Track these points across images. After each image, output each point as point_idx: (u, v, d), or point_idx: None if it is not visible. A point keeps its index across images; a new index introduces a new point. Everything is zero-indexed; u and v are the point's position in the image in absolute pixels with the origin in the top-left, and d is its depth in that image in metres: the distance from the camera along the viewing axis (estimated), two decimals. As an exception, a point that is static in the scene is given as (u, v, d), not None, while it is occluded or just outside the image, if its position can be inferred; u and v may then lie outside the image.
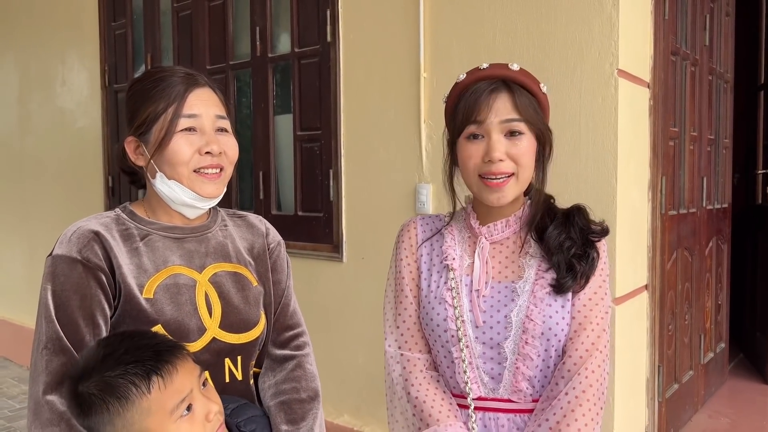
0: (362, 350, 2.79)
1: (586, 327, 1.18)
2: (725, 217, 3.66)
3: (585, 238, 1.21)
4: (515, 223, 1.25)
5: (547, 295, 1.18)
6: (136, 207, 1.24)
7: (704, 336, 3.30)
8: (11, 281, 4.95)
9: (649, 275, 2.53)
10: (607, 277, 1.24)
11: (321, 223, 2.95)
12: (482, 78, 1.18)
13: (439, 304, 1.23)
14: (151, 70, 1.24)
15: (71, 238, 1.14)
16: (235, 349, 1.21)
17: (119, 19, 3.94)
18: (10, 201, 4.92)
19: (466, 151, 1.18)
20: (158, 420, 0.95)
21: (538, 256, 1.22)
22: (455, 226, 1.30)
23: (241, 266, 1.27)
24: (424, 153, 2.58)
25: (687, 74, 2.91)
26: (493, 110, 1.15)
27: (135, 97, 1.20)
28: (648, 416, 2.59)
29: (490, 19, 2.37)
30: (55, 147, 4.46)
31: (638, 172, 2.39)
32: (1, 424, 3.64)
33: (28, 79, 4.65)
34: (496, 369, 1.19)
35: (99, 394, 0.94)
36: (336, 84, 2.83)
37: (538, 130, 1.19)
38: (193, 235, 1.24)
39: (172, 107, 1.15)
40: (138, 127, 1.18)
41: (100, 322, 1.11)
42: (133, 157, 1.21)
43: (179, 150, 1.15)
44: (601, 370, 1.17)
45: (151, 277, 1.16)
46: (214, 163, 1.17)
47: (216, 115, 1.19)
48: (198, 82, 1.19)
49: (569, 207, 1.26)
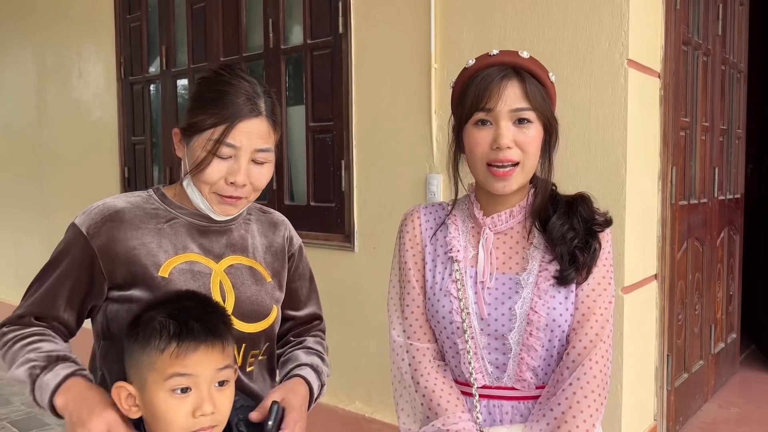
0: (373, 338, 2.83)
1: (590, 318, 1.18)
2: (737, 207, 3.65)
3: (588, 229, 1.20)
4: (519, 213, 1.23)
5: (551, 287, 1.18)
6: (168, 190, 1.29)
7: (715, 326, 3.30)
8: (30, 270, 5.01)
9: (658, 265, 2.54)
10: (612, 267, 1.23)
11: (333, 214, 2.99)
12: (492, 64, 1.17)
13: (445, 296, 1.23)
14: (224, 71, 1.22)
15: (92, 212, 1.22)
16: (243, 337, 1.24)
17: (134, 11, 3.98)
18: (29, 192, 5.00)
19: (474, 137, 1.17)
20: (154, 379, 1.00)
21: (541, 247, 1.21)
22: (459, 215, 1.29)
23: (257, 262, 1.31)
24: (434, 143, 2.60)
25: (699, 64, 2.90)
26: (503, 97, 1.14)
27: (198, 94, 1.22)
28: (657, 405, 2.61)
29: (500, 9, 2.38)
30: (72, 138, 4.53)
31: (648, 162, 2.39)
32: (21, 409, 3.73)
33: (45, 71, 4.72)
34: (500, 359, 1.20)
35: (140, 322, 1.03)
36: (348, 75, 2.86)
37: (545, 119, 1.18)
38: (216, 226, 1.28)
39: (218, 129, 1.16)
40: (186, 127, 1.21)
41: (76, 295, 1.20)
42: (176, 146, 1.26)
43: (207, 172, 1.17)
44: (605, 360, 1.17)
45: (169, 258, 1.21)
46: (234, 194, 1.20)
47: (256, 149, 1.19)
48: (253, 111, 1.18)
49: (573, 195, 1.25)
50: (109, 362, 1.22)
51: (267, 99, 1.21)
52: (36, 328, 1.19)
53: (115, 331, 1.20)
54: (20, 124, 5.05)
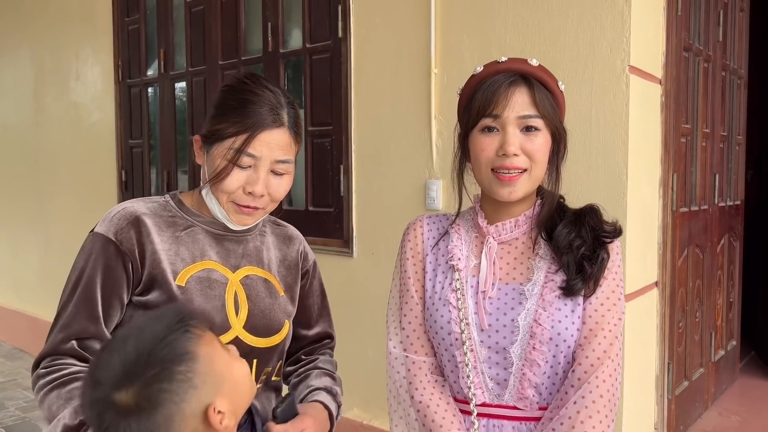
0: (372, 344, 2.81)
1: (598, 333, 1.12)
2: (738, 214, 3.63)
3: (596, 239, 1.16)
4: (525, 223, 1.20)
5: (557, 299, 1.13)
6: (185, 197, 1.28)
7: (715, 333, 3.29)
8: (27, 273, 5.02)
9: (659, 272, 2.52)
10: (621, 281, 1.19)
11: (331, 218, 2.97)
12: (500, 71, 1.15)
13: (443, 305, 1.19)
14: (249, 80, 1.20)
15: (113, 218, 1.18)
16: (254, 351, 1.23)
17: (132, 14, 3.97)
18: (26, 194, 4.98)
19: (480, 143, 1.15)
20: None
21: (547, 257, 1.17)
22: (462, 225, 1.26)
23: (271, 275, 1.30)
24: (434, 149, 2.58)
25: (700, 70, 2.88)
26: (510, 104, 1.12)
27: (220, 102, 1.20)
28: (657, 413, 2.59)
29: (501, 14, 2.37)
30: (70, 141, 4.50)
31: (649, 169, 2.38)
32: (16, 414, 3.70)
33: (43, 73, 4.70)
34: (501, 374, 1.15)
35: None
36: (347, 79, 2.84)
37: (554, 128, 1.16)
38: (233, 235, 1.27)
39: (239, 138, 1.14)
40: (207, 134, 1.20)
41: (115, 304, 1.15)
42: (196, 153, 1.25)
43: (226, 181, 1.16)
44: (613, 380, 1.12)
45: (186, 266, 1.19)
46: (251, 204, 1.19)
47: (276, 159, 1.17)
48: (276, 122, 1.17)
49: (582, 207, 1.21)
50: None
51: (290, 110, 1.20)
52: (74, 366, 1.12)
53: None
54: (17, 127, 5.03)
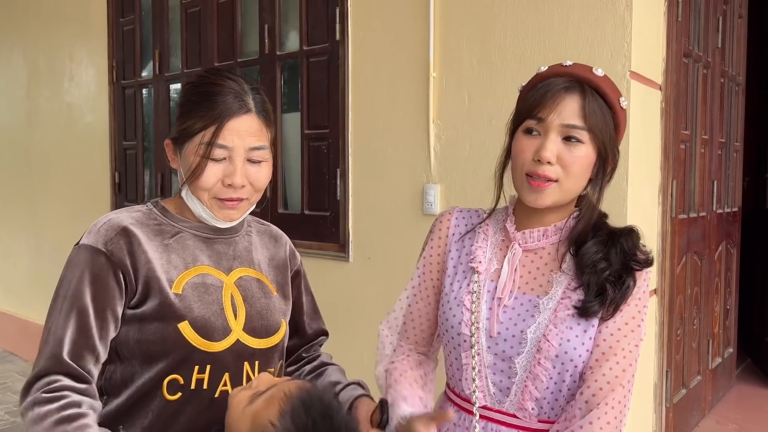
0: (367, 350, 2.76)
1: (610, 358, 1.08)
2: (735, 221, 3.63)
3: (625, 263, 1.11)
4: (554, 234, 1.16)
5: (570, 317, 1.09)
6: (168, 203, 1.25)
7: (712, 341, 3.27)
8: (17, 276, 4.96)
9: (658, 279, 2.50)
10: (645, 309, 1.13)
11: (327, 223, 2.94)
12: (561, 74, 1.11)
13: (457, 306, 1.18)
14: (209, 74, 1.19)
15: (100, 229, 1.14)
16: (256, 353, 1.21)
17: (127, 14, 3.93)
18: (18, 195, 4.93)
19: (520, 144, 1.12)
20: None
21: (570, 273, 1.13)
22: (491, 225, 1.23)
23: (263, 275, 1.28)
24: (432, 153, 2.56)
25: (699, 76, 2.88)
26: (557, 110, 1.08)
27: (185, 99, 1.19)
28: (655, 421, 2.57)
29: (501, 18, 2.34)
30: (63, 142, 4.46)
31: (649, 175, 2.36)
32: (5, 418, 3.65)
33: (37, 74, 4.65)
34: (505, 382, 1.14)
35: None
36: (344, 83, 2.82)
37: (601, 143, 1.10)
38: (222, 237, 1.24)
39: (208, 131, 1.12)
40: (176, 136, 1.18)
41: (108, 317, 1.11)
42: (170, 158, 1.22)
43: (203, 177, 1.14)
44: (621, 406, 1.08)
45: (180, 274, 1.16)
46: (233, 196, 1.16)
47: (250, 147, 1.15)
48: (242, 108, 1.14)
49: (620, 227, 1.16)
50: (115, 387, 1.16)
51: (255, 95, 1.17)
52: (73, 394, 1.05)
53: (123, 353, 1.14)
54: (10, 127, 4.98)
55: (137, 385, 1.14)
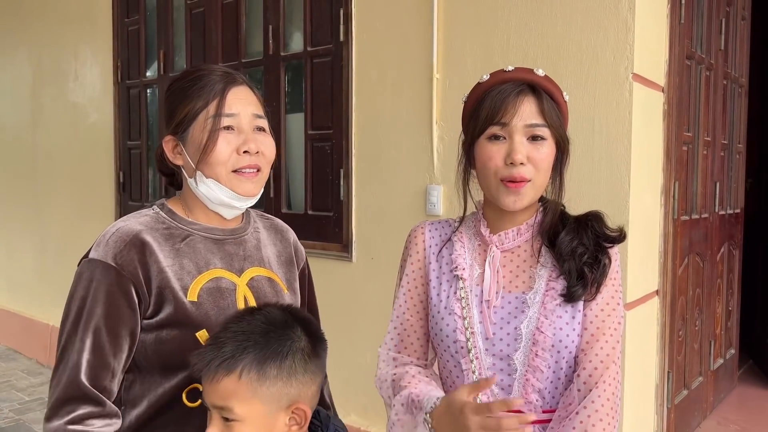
0: (370, 350, 2.79)
1: (599, 338, 1.15)
2: (737, 222, 3.63)
3: (598, 244, 1.18)
4: (527, 231, 1.22)
5: (558, 306, 1.15)
6: (174, 205, 1.22)
7: (714, 342, 3.28)
8: (22, 274, 4.98)
9: (660, 280, 2.51)
10: (620, 286, 1.21)
11: (331, 223, 2.95)
12: (507, 80, 1.16)
13: (449, 314, 1.20)
14: (189, 69, 1.23)
15: (108, 241, 1.11)
16: None
17: (132, 15, 3.95)
18: (22, 194, 4.95)
19: (487, 151, 1.16)
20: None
21: (549, 265, 1.19)
22: (465, 233, 1.27)
23: (273, 273, 1.28)
24: (435, 154, 2.57)
25: (702, 78, 2.88)
26: (518, 113, 1.13)
27: (173, 95, 1.19)
28: (657, 422, 2.57)
29: (504, 20, 2.35)
30: (67, 142, 4.48)
31: (651, 177, 2.37)
32: (10, 416, 3.67)
33: (41, 73, 4.67)
34: (506, 380, 1.17)
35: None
36: (348, 83, 2.83)
37: (558, 137, 1.17)
38: (231, 237, 1.24)
39: (211, 105, 1.14)
40: (176, 126, 1.17)
41: (124, 334, 1.09)
42: (171, 156, 1.20)
43: (218, 149, 1.13)
44: (616, 383, 1.15)
45: (194, 279, 1.15)
46: (252, 163, 1.17)
47: (254, 114, 1.18)
48: (236, 80, 1.18)
49: (584, 213, 1.24)
50: (135, 398, 1.15)
51: (241, 75, 1.22)
52: (96, 423, 1.06)
53: (142, 363, 1.14)
54: (15, 127, 5.00)
55: (158, 395, 1.13)
